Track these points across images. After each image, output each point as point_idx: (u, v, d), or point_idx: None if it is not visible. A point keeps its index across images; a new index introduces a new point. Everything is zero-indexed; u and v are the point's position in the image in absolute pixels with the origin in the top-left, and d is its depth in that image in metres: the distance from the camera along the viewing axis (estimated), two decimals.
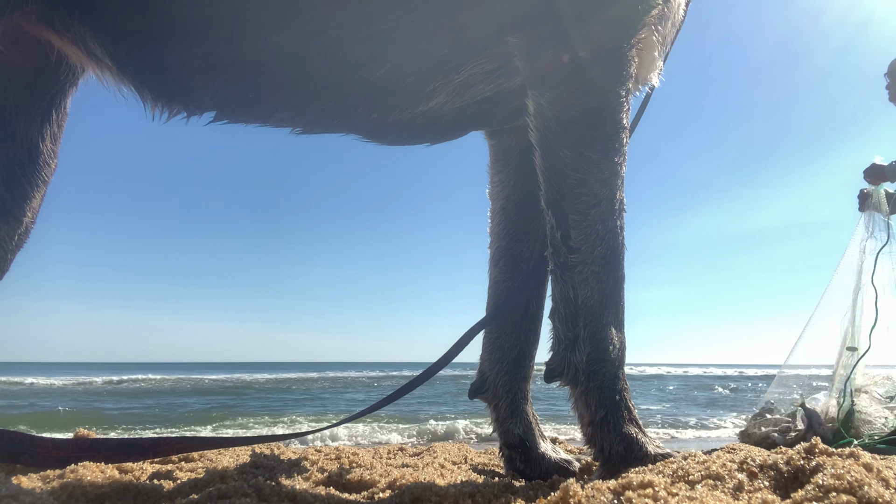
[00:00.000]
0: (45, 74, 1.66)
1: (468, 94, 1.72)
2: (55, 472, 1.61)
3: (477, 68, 1.64)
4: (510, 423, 1.90)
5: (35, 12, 1.46)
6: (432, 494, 1.33)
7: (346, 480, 1.62)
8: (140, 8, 1.49)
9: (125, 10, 1.50)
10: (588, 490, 1.06)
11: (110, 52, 1.52)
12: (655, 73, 1.70)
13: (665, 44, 1.69)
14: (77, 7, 1.47)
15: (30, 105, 1.66)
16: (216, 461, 2.00)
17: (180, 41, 1.54)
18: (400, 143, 1.86)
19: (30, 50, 1.59)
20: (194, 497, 1.34)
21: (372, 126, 1.77)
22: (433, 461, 2.06)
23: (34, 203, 1.71)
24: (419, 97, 1.69)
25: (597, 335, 1.52)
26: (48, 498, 1.21)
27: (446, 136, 1.91)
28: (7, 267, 1.71)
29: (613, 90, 1.53)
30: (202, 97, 1.60)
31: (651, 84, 1.73)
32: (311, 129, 1.75)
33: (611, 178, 1.54)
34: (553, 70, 1.52)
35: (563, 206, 1.54)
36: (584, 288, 1.53)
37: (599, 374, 1.52)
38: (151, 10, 1.49)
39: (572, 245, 1.53)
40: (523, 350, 1.94)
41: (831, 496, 0.93)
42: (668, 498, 1.00)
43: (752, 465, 1.13)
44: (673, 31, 1.74)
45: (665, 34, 1.67)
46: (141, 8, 1.49)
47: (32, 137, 1.67)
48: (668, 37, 1.71)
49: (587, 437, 1.55)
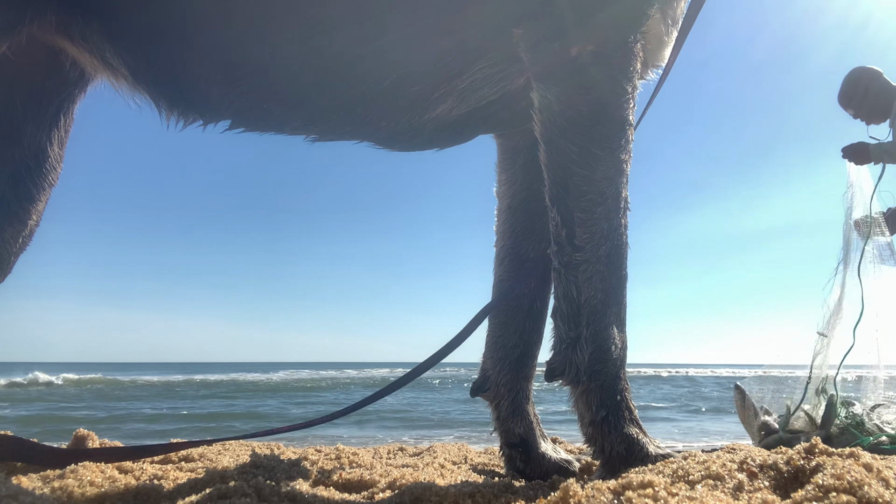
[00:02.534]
0: (55, 80, 1.67)
1: (473, 99, 1.73)
2: (55, 473, 1.60)
3: (480, 73, 1.66)
4: (511, 422, 1.90)
5: (53, 23, 1.48)
6: (432, 494, 1.33)
7: (346, 480, 1.62)
8: (157, 19, 1.52)
9: (143, 22, 1.52)
10: (588, 490, 1.06)
11: (128, 62, 1.54)
12: (665, 53, 1.70)
13: (675, 23, 1.69)
14: (95, 18, 1.48)
15: (38, 110, 1.67)
16: (216, 461, 2.00)
17: (197, 52, 1.56)
18: (410, 149, 1.89)
19: (41, 57, 1.61)
20: (194, 497, 1.34)
21: (382, 134, 1.79)
22: (433, 461, 2.06)
23: (39, 206, 1.72)
24: (426, 104, 1.71)
25: (599, 335, 1.52)
26: (48, 498, 1.21)
27: (456, 140, 1.92)
28: (10, 269, 1.72)
29: (620, 85, 1.53)
30: (218, 107, 1.64)
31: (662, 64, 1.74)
32: (324, 136, 1.78)
33: (617, 175, 1.53)
34: (559, 64, 1.52)
35: (569, 203, 1.53)
36: (587, 287, 1.52)
37: (601, 374, 1.51)
38: (169, 23, 1.52)
39: (577, 243, 1.53)
40: (526, 349, 1.93)
41: (831, 496, 0.92)
42: (668, 498, 0.99)
43: (752, 465, 1.13)
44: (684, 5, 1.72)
45: (676, 15, 1.67)
46: (159, 20, 1.52)
47: (40, 141, 1.68)
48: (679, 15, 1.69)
49: (588, 436, 1.55)
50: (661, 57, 1.73)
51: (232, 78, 1.60)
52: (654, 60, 1.72)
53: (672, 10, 1.66)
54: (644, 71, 1.68)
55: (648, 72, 1.75)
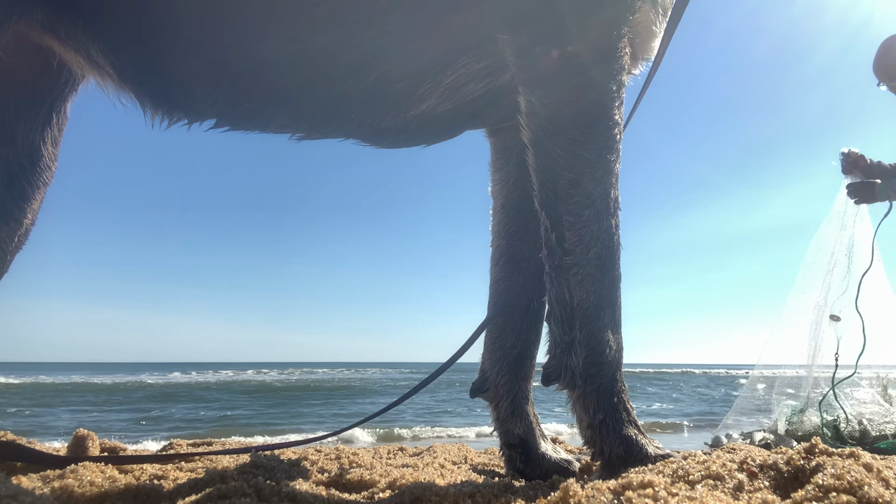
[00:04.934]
0: (46, 80, 1.67)
1: (459, 95, 1.72)
2: (55, 472, 1.60)
3: (464, 69, 1.65)
4: (511, 422, 1.90)
5: (40, 20, 1.47)
6: (432, 494, 1.33)
7: (346, 480, 1.62)
8: (141, 18, 1.51)
9: (128, 20, 1.52)
10: (588, 490, 1.06)
11: (112, 60, 1.54)
12: (654, 44, 1.69)
13: (665, 12, 1.67)
14: (81, 16, 1.48)
15: (30, 109, 1.67)
16: (216, 461, 2.00)
17: (180, 51, 1.56)
18: (397, 145, 1.87)
19: (31, 56, 1.61)
20: (194, 497, 1.34)
21: (368, 130, 1.78)
22: (433, 461, 2.06)
23: (34, 205, 1.73)
24: (411, 100, 1.70)
25: (593, 338, 1.51)
26: (48, 498, 1.21)
27: (442, 136, 1.91)
28: (6, 268, 1.72)
29: (606, 86, 1.52)
30: (202, 106, 1.63)
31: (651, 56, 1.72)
32: (310, 135, 1.77)
33: (605, 176, 1.53)
34: (545, 68, 1.51)
35: (557, 206, 1.53)
36: (579, 290, 1.52)
37: (597, 377, 1.51)
38: (153, 21, 1.51)
39: (567, 247, 1.52)
40: (524, 350, 1.93)
41: (831, 496, 0.93)
42: (668, 498, 0.99)
43: (752, 465, 1.13)
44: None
45: (665, 3, 1.65)
46: (142, 18, 1.51)
47: (33, 141, 1.68)
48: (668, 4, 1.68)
49: (586, 439, 1.55)
50: (650, 48, 1.70)
51: (215, 76, 1.59)
52: (643, 52, 1.69)
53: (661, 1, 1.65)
54: (633, 64, 1.67)
55: (638, 64, 1.73)
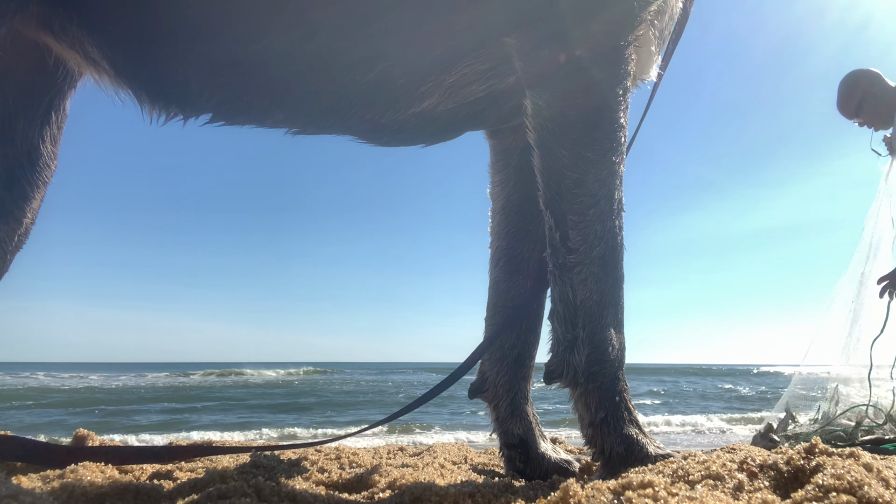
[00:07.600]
0: (44, 77, 1.66)
1: (460, 95, 1.71)
2: (55, 472, 1.60)
3: (468, 69, 1.64)
4: (510, 423, 1.90)
5: (35, 16, 1.47)
6: (432, 494, 1.33)
7: (346, 480, 1.62)
8: (136, 12, 1.50)
9: (122, 15, 1.51)
10: (588, 490, 1.06)
11: (108, 56, 1.53)
12: (653, 68, 1.70)
13: (663, 38, 1.70)
14: (75, 11, 1.47)
15: (29, 107, 1.66)
16: (216, 461, 2.00)
17: (176, 45, 1.55)
18: (395, 144, 1.86)
19: (28, 53, 1.60)
20: (194, 497, 1.34)
21: (366, 127, 1.77)
22: (433, 461, 2.06)
23: (34, 204, 1.72)
24: (412, 98, 1.69)
25: (596, 336, 1.52)
26: (48, 498, 1.20)
27: (441, 136, 1.90)
28: (6, 268, 1.72)
29: (612, 89, 1.53)
30: (198, 100, 1.61)
31: (651, 79, 1.73)
32: (306, 130, 1.76)
33: (609, 177, 1.54)
34: (551, 70, 1.52)
35: (562, 206, 1.53)
36: (582, 289, 1.52)
37: (599, 375, 1.51)
38: (148, 15, 1.50)
39: (570, 246, 1.53)
40: (524, 350, 1.94)
41: (831, 496, 0.93)
42: (668, 498, 0.99)
43: (752, 465, 1.13)
44: (671, 24, 1.74)
45: (662, 28, 1.68)
46: (137, 12, 1.50)
47: (32, 139, 1.67)
48: (666, 31, 1.71)
49: (587, 438, 1.55)
50: (647, 72, 1.71)
51: (211, 71, 1.58)
52: (640, 74, 1.70)
53: (660, 23, 1.66)
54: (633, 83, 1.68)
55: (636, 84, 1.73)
